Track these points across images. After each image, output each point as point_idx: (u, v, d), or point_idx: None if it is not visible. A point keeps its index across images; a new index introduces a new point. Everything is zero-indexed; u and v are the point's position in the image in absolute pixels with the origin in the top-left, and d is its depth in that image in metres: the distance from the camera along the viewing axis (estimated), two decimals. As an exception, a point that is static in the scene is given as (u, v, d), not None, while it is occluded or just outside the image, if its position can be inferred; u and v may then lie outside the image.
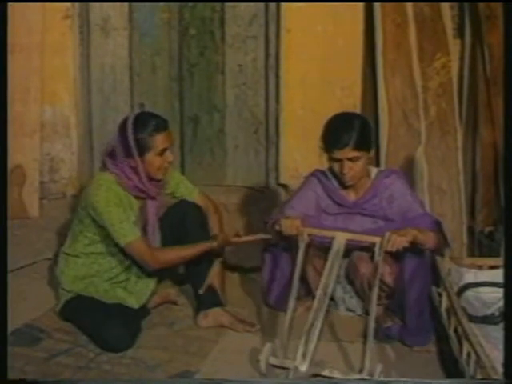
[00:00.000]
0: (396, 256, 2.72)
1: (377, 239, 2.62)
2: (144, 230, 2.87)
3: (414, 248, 2.67)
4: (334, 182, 2.90)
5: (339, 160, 2.75)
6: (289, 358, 2.51)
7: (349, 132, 2.72)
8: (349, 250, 2.81)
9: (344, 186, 2.88)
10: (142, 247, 2.74)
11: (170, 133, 2.80)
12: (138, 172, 2.75)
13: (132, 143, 2.70)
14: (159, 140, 2.73)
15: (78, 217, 2.87)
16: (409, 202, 2.84)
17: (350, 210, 2.89)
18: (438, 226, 2.76)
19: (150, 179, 2.80)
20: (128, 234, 2.72)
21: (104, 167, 2.81)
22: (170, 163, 2.80)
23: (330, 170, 2.88)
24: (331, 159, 2.78)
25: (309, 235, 2.71)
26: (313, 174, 2.99)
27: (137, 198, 2.84)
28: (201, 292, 2.90)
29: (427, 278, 2.77)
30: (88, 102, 4.35)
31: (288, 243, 2.87)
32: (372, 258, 2.71)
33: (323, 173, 2.94)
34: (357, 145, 2.71)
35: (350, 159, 2.73)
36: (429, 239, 2.68)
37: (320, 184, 2.93)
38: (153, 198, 2.86)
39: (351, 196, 2.90)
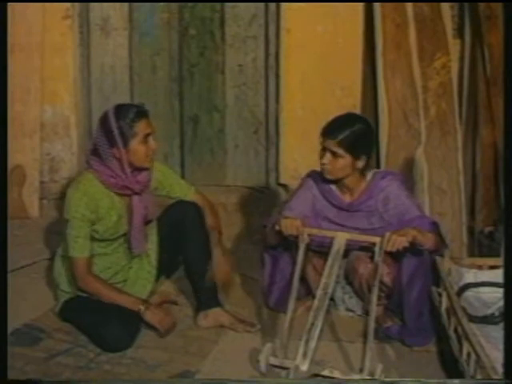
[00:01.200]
0: (395, 256, 2.72)
1: (377, 239, 2.62)
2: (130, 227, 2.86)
3: (413, 249, 2.67)
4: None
5: (324, 150, 2.75)
6: (289, 357, 2.51)
7: (344, 128, 2.72)
8: (347, 251, 2.81)
9: (338, 186, 2.85)
10: (80, 267, 2.75)
11: (150, 120, 2.77)
12: (122, 163, 2.72)
13: (115, 131, 2.68)
14: (141, 126, 2.71)
15: None
16: (405, 204, 2.81)
17: (345, 211, 2.88)
18: (435, 228, 2.76)
19: (136, 169, 2.77)
20: (78, 250, 2.74)
21: (88, 165, 2.81)
22: (154, 151, 2.77)
23: None
24: (321, 149, 2.79)
25: (309, 235, 2.71)
26: (309, 175, 2.98)
27: (121, 195, 2.82)
28: (207, 284, 2.89)
29: (427, 279, 2.76)
30: (88, 102, 4.35)
31: (288, 244, 2.87)
32: (370, 258, 2.71)
33: (319, 173, 2.91)
34: (344, 142, 2.70)
35: (333, 153, 2.73)
36: (428, 240, 2.67)
37: (316, 185, 2.92)
38: (137, 194, 2.83)
39: (346, 197, 2.88)
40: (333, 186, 2.88)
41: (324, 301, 2.54)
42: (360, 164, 2.77)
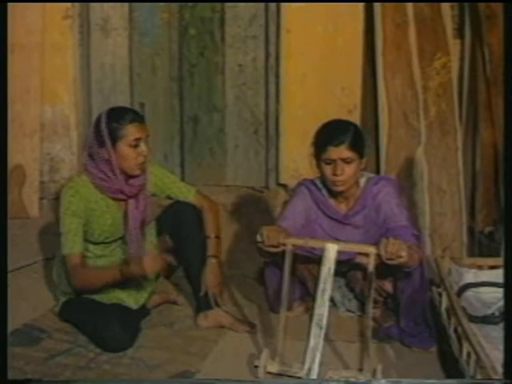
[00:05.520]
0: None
1: (371, 249, 2.48)
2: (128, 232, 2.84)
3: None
4: (324, 192, 2.81)
5: (332, 161, 2.65)
6: (286, 361, 2.50)
7: (344, 132, 2.65)
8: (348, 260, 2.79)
9: (334, 195, 2.79)
10: (73, 263, 2.72)
11: (145, 125, 2.76)
12: (112, 164, 2.71)
13: (105, 131, 2.68)
14: (130, 129, 2.69)
15: None
16: (392, 211, 2.73)
17: (340, 223, 2.81)
18: (416, 240, 2.65)
19: (127, 176, 2.76)
20: (69, 246, 2.72)
21: (84, 167, 2.81)
22: (145, 157, 2.75)
23: (320, 178, 2.79)
24: (323, 162, 2.67)
25: (294, 245, 2.57)
26: (301, 184, 2.90)
27: (116, 199, 2.81)
28: (201, 294, 2.89)
29: (420, 284, 2.67)
30: (88, 102, 4.35)
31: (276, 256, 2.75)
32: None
33: (312, 182, 2.85)
34: (352, 145, 2.63)
35: (344, 160, 2.63)
36: (412, 260, 2.50)
37: (310, 194, 2.84)
38: (132, 197, 2.81)
39: (342, 207, 2.82)
40: (328, 196, 2.82)
41: (321, 328, 2.46)
42: (362, 165, 2.72)
